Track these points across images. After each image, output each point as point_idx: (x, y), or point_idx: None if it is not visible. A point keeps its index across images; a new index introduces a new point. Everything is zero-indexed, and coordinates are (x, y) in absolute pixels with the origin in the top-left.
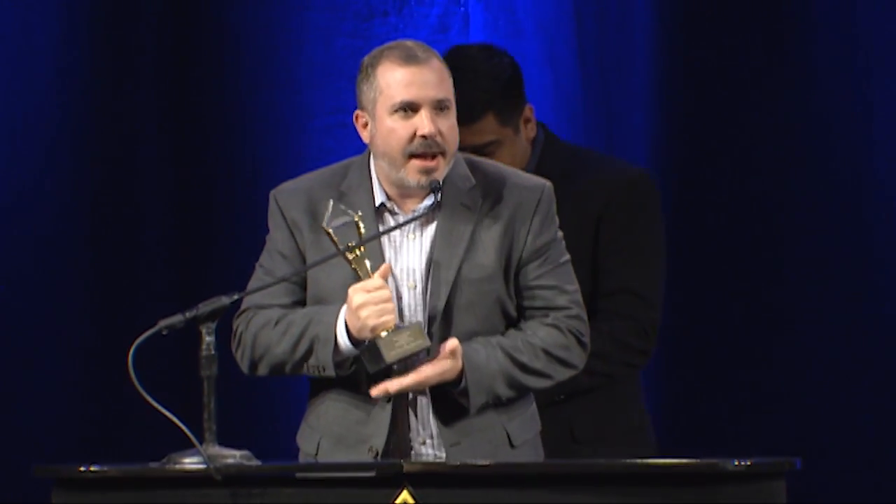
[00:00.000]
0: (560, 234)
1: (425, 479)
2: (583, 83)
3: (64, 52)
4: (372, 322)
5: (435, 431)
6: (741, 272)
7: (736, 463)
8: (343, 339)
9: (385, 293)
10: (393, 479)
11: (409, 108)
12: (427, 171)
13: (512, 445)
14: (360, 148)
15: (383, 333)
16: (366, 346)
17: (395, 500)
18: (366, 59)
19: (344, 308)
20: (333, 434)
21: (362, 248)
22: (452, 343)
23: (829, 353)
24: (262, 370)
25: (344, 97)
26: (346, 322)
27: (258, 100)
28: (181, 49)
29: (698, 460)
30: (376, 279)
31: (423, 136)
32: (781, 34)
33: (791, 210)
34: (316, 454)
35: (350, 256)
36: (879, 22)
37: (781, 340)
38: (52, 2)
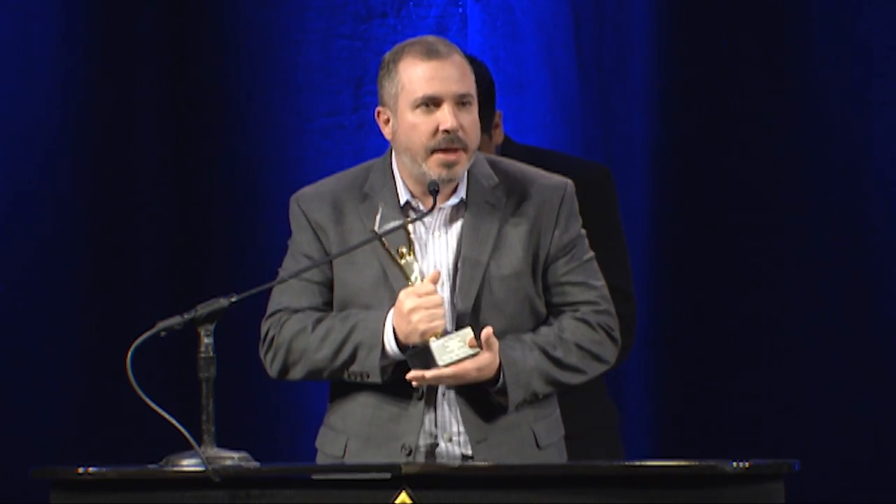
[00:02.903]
0: (583, 231)
1: (423, 480)
2: (581, 85)
3: (63, 56)
4: (423, 327)
5: (462, 428)
6: (740, 273)
7: (735, 464)
8: (390, 345)
9: (437, 298)
10: (391, 481)
11: (432, 103)
12: (449, 165)
13: (539, 447)
14: (359, 150)
15: (433, 339)
16: (413, 352)
17: (394, 501)
18: (387, 55)
19: (391, 313)
20: (362, 434)
21: (413, 253)
22: (487, 331)
23: (828, 355)
24: (296, 374)
25: (342, 99)
26: (393, 327)
27: (256, 102)
28: (180, 51)
29: (697, 462)
30: (427, 284)
31: (446, 131)
32: (781, 36)
33: (791, 211)
34: (343, 456)
35: (401, 261)
36: (879, 22)
37: (780, 341)
38: (52, 6)
